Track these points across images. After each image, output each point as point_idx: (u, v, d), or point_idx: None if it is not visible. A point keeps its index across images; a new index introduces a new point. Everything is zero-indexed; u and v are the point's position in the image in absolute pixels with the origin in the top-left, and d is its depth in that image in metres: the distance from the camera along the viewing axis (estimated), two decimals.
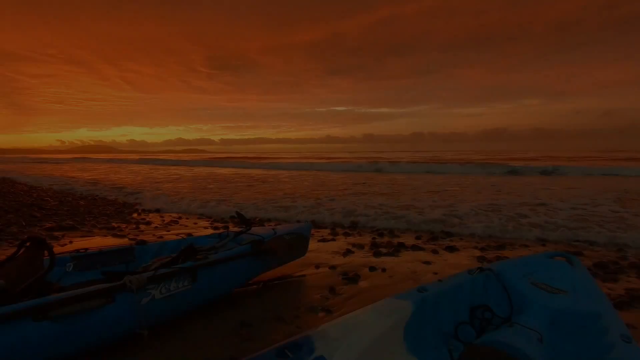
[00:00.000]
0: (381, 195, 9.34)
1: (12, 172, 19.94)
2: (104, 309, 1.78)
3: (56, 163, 37.62)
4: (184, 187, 11.96)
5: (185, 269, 2.17)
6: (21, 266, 1.96)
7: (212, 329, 2.26)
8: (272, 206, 7.56)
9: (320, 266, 3.65)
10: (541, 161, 27.40)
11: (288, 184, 12.91)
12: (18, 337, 1.54)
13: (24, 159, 53.43)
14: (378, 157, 38.13)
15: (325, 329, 1.25)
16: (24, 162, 37.90)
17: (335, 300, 2.80)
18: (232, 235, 2.97)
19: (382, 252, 4.27)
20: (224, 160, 37.38)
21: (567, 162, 24.32)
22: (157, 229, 5.57)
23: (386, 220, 6.02)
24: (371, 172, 19.40)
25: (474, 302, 1.83)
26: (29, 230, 5.15)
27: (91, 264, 2.51)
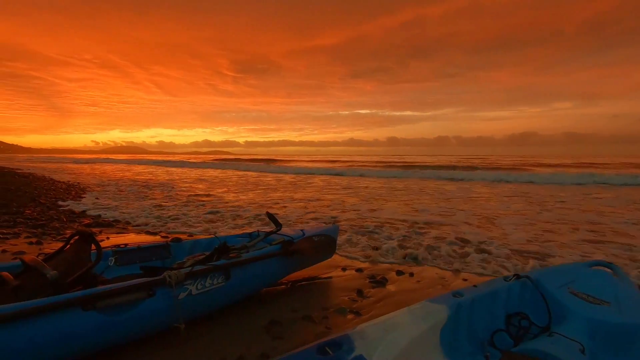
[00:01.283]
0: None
1: (49, 171, 21.06)
2: (145, 302, 1.87)
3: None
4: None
5: (220, 266, 2.24)
6: (70, 259, 2.08)
7: (244, 326, 2.32)
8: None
9: (347, 268, 3.66)
10: (616, 168, 24.32)
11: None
12: (69, 325, 1.64)
13: (63, 159, 53.70)
14: (429, 161, 35.71)
15: (363, 329, 1.26)
16: (64, 162, 38.16)
17: (364, 303, 2.80)
18: (263, 235, 3.03)
19: (408, 255, 4.23)
20: (269, 163, 34.89)
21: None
22: (189, 227, 5.75)
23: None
24: (446, 180, 16.57)
25: (510, 309, 1.79)
26: (69, 226, 5.44)
27: (130, 259, 2.63)
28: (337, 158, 54.28)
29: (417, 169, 22.39)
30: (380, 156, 68.04)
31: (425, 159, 50.14)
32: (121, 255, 2.60)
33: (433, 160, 38.99)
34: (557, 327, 1.65)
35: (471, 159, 47.20)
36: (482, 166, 26.59)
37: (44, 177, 15.69)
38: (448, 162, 34.29)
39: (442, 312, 1.49)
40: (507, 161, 36.43)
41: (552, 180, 14.60)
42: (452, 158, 53.06)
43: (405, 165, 27.28)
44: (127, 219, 6.14)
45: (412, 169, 21.81)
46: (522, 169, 23.14)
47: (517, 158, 49.93)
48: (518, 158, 49.00)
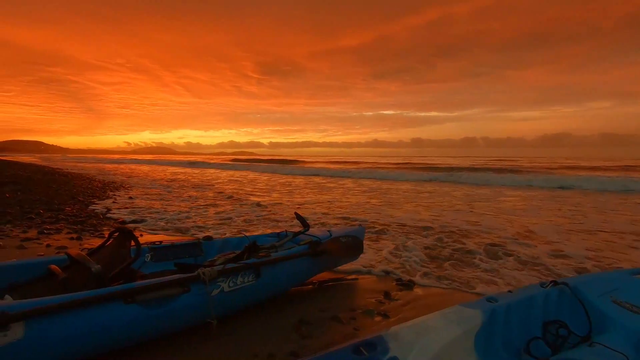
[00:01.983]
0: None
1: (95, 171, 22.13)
2: (181, 297, 1.94)
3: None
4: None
5: (250, 265, 2.29)
6: (111, 254, 2.19)
7: (273, 324, 2.36)
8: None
9: (373, 270, 3.65)
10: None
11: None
12: (111, 317, 1.73)
13: (102, 159, 53.70)
14: (457, 163, 33.41)
15: (397, 331, 1.26)
16: (103, 163, 38.09)
17: (391, 306, 2.78)
18: (291, 235, 3.07)
19: (436, 258, 4.16)
20: (296, 164, 32.71)
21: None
22: (213, 224, 5.90)
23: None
24: (473, 185, 14.52)
25: (547, 316, 1.73)
26: (105, 223, 5.70)
27: (165, 256, 2.74)
28: (362, 159, 52.91)
29: (445, 171, 21.48)
30: (406, 158, 65.89)
31: (453, 160, 48.66)
32: (156, 251, 2.71)
33: (461, 162, 37.57)
34: (598, 337, 1.58)
35: (502, 160, 44.93)
36: (512, 168, 25.31)
37: (80, 175, 16.51)
38: (479, 164, 32.89)
39: (477, 317, 1.47)
40: (540, 163, 34.57)
41: (588, 185, 13.59)
42: (480, 160, 50.82)
43: (434, 168, 26.31)
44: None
45: (444, 172, 20.77)
46: (556, 171, 21.71)
47: (550, 160, 47.33)
48: (551, 160, 46.41)
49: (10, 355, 1.47)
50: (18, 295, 1.95)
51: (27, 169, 18.92)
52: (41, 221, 5.44)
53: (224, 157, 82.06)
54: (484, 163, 35.38)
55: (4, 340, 1.44)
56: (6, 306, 1.48)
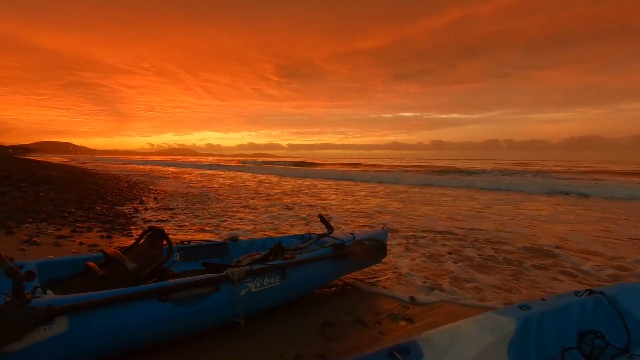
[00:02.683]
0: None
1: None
2: (211, 296, 1.99)
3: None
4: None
5: (277, 266, 2.32)
6: (144, 252, 2.27)
7: (299, 326, 2.38)
8: None
9: (397, 273, 3.62)
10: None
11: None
12: (146, 314, 1.79)
13: (129, 160, 53.72)
14: (480, 166, 31.43)
15: (430, 336, 1.26)
16: (133, 164, 37.99)
17: (416, 310, 2.76)
18: (315, 238, 3.09)
19: (462, 262, 4.09)
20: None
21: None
22: (239, 225, 6.00)
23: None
24: (493, 191, 13.02)
25: (583, 326, 1.68)
26: (133, 222, 5.89)
27: (193, 255, 2.81)
28: (386, 162, 51.18)
29: (468, 174, 20.78)
30: (427, 160, 63.78)
31: (475, 163, 47.27)
32: (185, 251, 2.79)
33: (484, 165, 36.32)
34: (638, 350, 1.52)
35: (525, 164, 42.93)
36: (538, 171, 24.21)
37: (108, 176, 17.11)
38: (503, 167, 31.62)
39: (510, 325, 1.44)
40: (566, 167, 32.97)
41: (617, 192, 12.56)
42: (504, 163, 48.76)
43: (457, 171, 25.41)
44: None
45: (467, 175, 20.00)
46: (582, 176, 20.43)
47: (577, 163, 45.03)
48: (579, 163, 44.21)
49: (54, 347, 1.54)
50: (59, 290, 2.05)
51: (59, 170, 19.75)
52: (73, 219, 5.68)
53: (253, 158, 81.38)
54: (507, 166, 34.23)
55: (49, 333, 1.52)
56: (52, 300, 1.56)
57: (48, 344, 1.52)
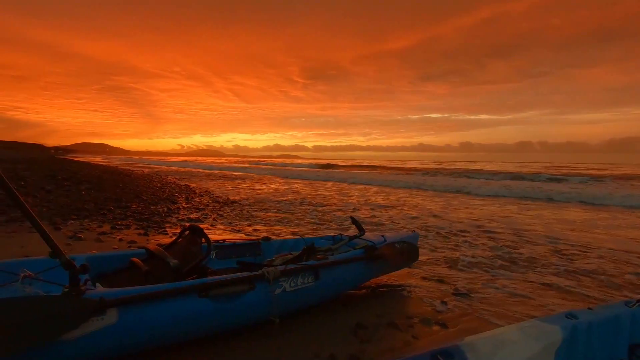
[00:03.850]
0: None
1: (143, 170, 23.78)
2: (247, 294, 2.05)
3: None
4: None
5: (310, 266, 2.35)
6: (184, 250, 2.37)
7: (332, 326, 2.39)
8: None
9: (427, 278, 3.57)
10: None
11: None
12: (187, 309, 1.86)
13: (164, 162, 52.87)
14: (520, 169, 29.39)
15: (473, 342, 1.24)
16: (173, 166, 36.99)
17: (449, 315, 2.71)
18: (347, 239, 3.10)
19: (493, 268, 3.98)
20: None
21: None
22: (266, 225, 6.10)
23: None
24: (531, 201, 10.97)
25: (635, 338, 1.59)
26: (167, 220, 6.11)
27: (228, 254, 2.90)
28: (433, 164, 47.89)
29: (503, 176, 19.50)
30: (460, 163, 60.87)
31: (509, 166, 45.25)
32: (221, 249, 2.87)
33: (519, 168, 34.39)
34: None
35: (578, 167, 39.24)
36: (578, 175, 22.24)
37: (142, 175, 17.84)
38: (540, 170, 29.78)
39: (556, 334, 1.39)
40: (608, 170, 30.55)
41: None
42: (541, 166, 45.59)
43: (495, 173, 24.09)
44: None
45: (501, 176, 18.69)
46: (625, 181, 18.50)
47: (617, 167, 41.87)
48: (619, 167, 41.12)
49: (105, 337, 1.64)
50: (106, 283, 2.17)
51: (97, 169, 20.81)
52: (112, 217, 5.97)
53: (293, 160, 79.28)
54: (544, 169, 32.39)
55: (101, 324, 1.61)
56: (104, 293, 1.66)
57: (100, 334, 1.61)
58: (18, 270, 1.80)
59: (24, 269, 1.81)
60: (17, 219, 5.12)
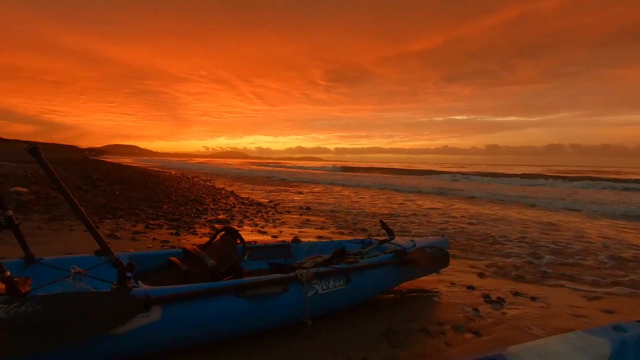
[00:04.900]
0: None
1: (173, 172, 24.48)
2: (281, 295, 2.09)
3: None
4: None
5: (342, 269, 2.37)
6: (220, 250, 2.44)
7: (363, 330, 2.40)
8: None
9: (456, 284, 3.51)
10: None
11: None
12: (225, 309, 1.92)
13: (190, 163, 53.17)
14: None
15: (517, 351, 1.22)
16: (199, 168, 36.52)
17: (482, 323, 2.65)
18: (376, 243, 3.10)
19: (525, 277, 3.87)
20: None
21: None
22: (291, 228, 6.17)
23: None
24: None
25: None
26: (196, 221, 6.29)
27: (260, 255, 2.96)
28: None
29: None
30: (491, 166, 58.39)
31: (537, 169, 43.23)
32: (252, 251, 2.94)
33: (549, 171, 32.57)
34: None
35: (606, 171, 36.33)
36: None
37: (171, 176, 18.42)
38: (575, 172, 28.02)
39: (604, 347, 1.34)
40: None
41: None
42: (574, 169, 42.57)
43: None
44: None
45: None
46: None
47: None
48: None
49: (149, 333, 1.72)
50: (147, 282, 2.27)
51: (128, 170, 21.64)
52: (145, 217, 6.21)
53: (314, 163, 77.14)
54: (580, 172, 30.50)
55: (146, 320, 1.69)
56: (148, 291, 1.74)
57: (145, 330, 1.69)
58: (69, 267, 1.92)
59: (74, 265, 1.93)
60: (59, 217, 5.42)
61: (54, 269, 2.06)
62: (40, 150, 1.66)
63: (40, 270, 2.11)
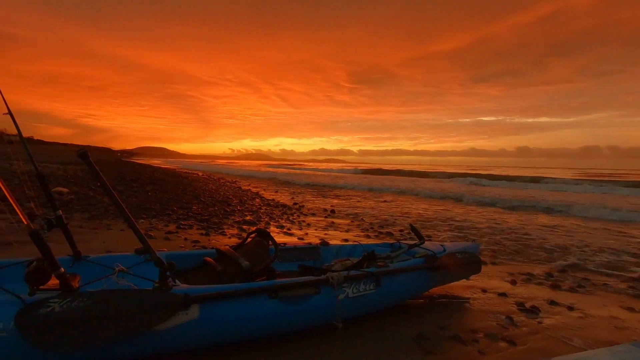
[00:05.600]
0: None
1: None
2: (313, 297, 2.11)
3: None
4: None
5: (372, 273, 2.37)
6: (252, 252, 2.50)
7: (393, 335, 2.38)
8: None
9: (487, 290, 3.42)
10: None
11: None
12: (259, 309, 1.97)
13: (229, 168, 47.07)
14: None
15: None
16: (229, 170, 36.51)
17: (516, 332, 2.57)
18: (406, 248, 3.07)
19: (561, 285, 3.71)
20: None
21: None
22: (316, 230, 6.20)
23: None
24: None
25: None
26: (224, 222, 6.44)
27: (289, 257, 3.00)
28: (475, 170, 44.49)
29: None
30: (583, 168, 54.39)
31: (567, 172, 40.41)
32: (282, 253, 2.99)
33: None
34: None
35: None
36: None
37: (199, 177, 18.93)
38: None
39: None
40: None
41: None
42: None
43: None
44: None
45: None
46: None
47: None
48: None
49: (187, 331, 1.78)
50: (183, 280, 2.35)
51: (159, 171, 22.42)
52: (176, 217, 6.42)
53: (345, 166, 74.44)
54: None
55: (185, 318, 1.76)
56: (188, 289, 1.81)
57: (184, 328, 1.76)
58: (112, 265, 2.03)
59: (117, 263, 2.03)
60: (97, 216, 5.70)
61: (98, 266, 2.18)
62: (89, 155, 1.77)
63: (86, 267, 2.24)
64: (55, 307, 1.50)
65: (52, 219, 2.03)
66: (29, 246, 3.15)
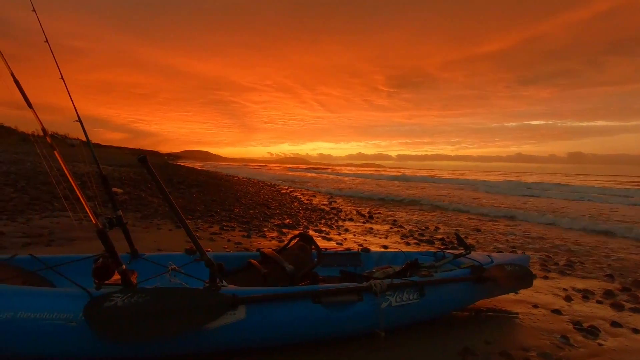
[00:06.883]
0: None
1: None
2: (356, 304, 2.11)
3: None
4: None
5: (416, 282, 2.32)
6: (295, 256, 2.54)
7: (437, 347, 2.31)
8: None
9: (539, 306, 3.21)
10: None
11: None
12: (301, 313, 1.99)
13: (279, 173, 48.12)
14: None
15: None
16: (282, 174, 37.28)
17: (572, 353, 2.40)
18: (451, 257, 2.98)
19: (624, 305, 3.40)
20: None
21: None
22: (355, 236, 6.16)
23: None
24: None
25: None
26: (264, 225, 6.58)
27: (330, 262, 3.01)
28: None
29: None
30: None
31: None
32: (324, 258, 3.00)
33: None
34: None
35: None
36: None
37: (239, 180, 19.54)
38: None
39: None
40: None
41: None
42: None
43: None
44: None
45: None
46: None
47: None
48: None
49: (234, 331, 1.84)
50: (228, 281, 2.44)
51: (201, 174, 23.41)
52: (220, 219, 6.66)
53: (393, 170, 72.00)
54: None
55: (232, 318, 1.82)
56: (236, 291, 1.87)
57: (232, 328, 1.82)
58: (166, 263, 2.14)
59: (170, 262, 2.15)
60: (148, 216, 6.07)
61: (152, 264, 2.32)
62: (148, 159, 1.90)
63: (141, 264, 2.39)
64: (117, 301, 1.61)
65: (113, 218, 2.19)
66: (90, 242, 3.39)
